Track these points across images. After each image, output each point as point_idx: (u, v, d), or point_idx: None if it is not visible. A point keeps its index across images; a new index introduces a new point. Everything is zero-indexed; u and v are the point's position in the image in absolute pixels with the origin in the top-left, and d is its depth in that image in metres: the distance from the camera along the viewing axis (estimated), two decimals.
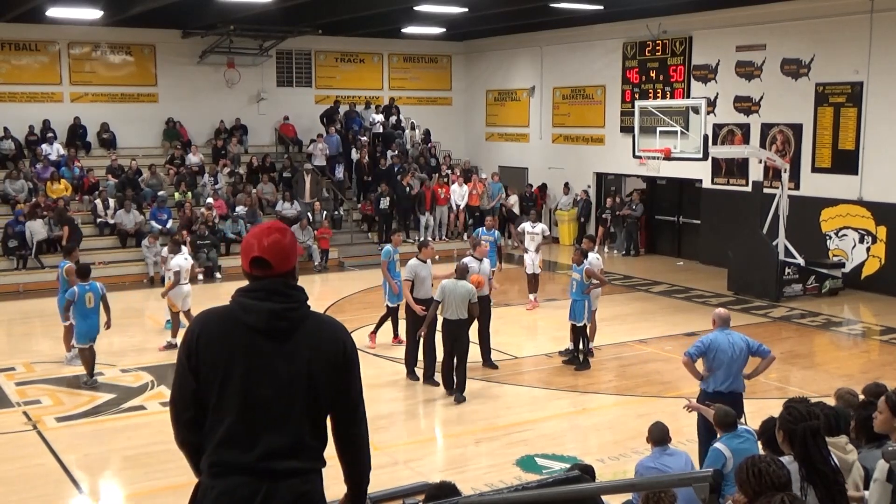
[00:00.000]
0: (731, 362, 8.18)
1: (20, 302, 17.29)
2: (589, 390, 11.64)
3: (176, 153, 22.93)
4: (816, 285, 17.17)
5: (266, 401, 3.01)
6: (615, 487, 5.01)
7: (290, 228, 3.14)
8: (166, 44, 23.48)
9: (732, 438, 6.63)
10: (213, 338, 3.05)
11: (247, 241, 3.13)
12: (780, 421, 4.44)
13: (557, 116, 24.94)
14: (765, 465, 3.74)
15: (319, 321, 3.17)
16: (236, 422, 3.00)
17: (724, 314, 8.53)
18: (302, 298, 3.11)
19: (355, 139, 24.41)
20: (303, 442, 3.07)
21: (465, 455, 9.45)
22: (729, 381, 8.19)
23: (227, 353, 3.02)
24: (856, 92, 17.60)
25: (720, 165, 20.33)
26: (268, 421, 3.01)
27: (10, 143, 21.62)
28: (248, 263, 3.09)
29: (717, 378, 8.18)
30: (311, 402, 3.09)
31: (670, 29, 21.11)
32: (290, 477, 3.02)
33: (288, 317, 3.05)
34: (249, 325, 3.02)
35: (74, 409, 10.90)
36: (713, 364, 8.18)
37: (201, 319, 3.12)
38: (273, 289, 3.06)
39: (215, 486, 3.01)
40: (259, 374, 3.01)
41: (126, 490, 8.74)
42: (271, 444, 3.00)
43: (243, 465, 2.98)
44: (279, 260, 3.08)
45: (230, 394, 3.00)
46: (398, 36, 25.24)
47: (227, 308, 3.10)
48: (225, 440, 3.00)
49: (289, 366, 3.04)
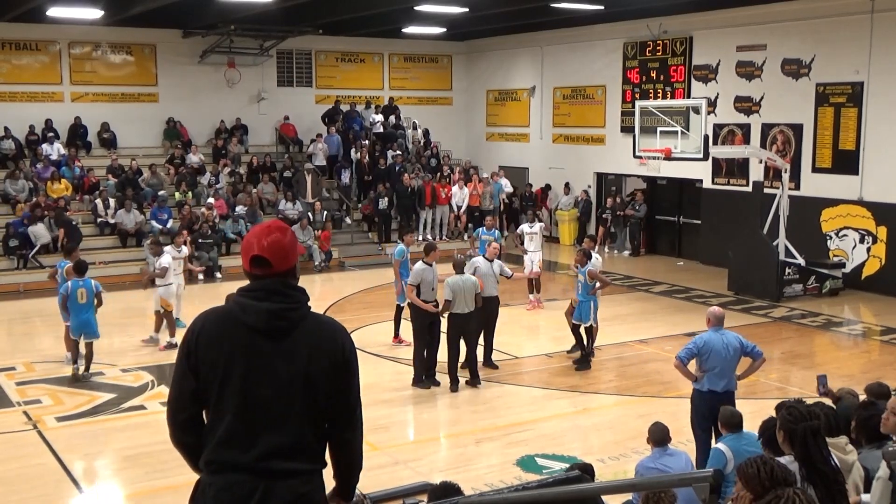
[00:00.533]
0: (725, 362, 8.16)
1: (20, 302, 17.29)
2: (589, 390, 11.64)
3: (176, 153, 22.94)
4: (817, 285, 17.16)
5: (265, 401, 3.02)
6: (615, 487, 5.01)
7: (291, 228, 3.12)
8: (167, 43, 23.49)
9: (736, 440, 6.61)
10: (212, 337, 3.05)
11: (247, 240, 3.13)
12: (780, 421, 4.44)
13: (558, 116, 24.94)
14: (776, 464, 3.74)
15: (319, 322, 3.17)
16: (236, 421, 3.00)
17: (719, 313, 8.50)
18: (302, 299, 3.11)
19: (356, 139, 24.41)
20: (303, 443, 3.07)
21: (466, 455, 9.45)
22: (724, 381, 8.18)
23: (226, 353, 3.02)
24: (856, 92, 17.60)
25: (720, 165, 20.33)
26: (267, 421, 3.01)
27: (10, 142, 21.63)
28: (249, 262, 3.10)
29: (712, 378, 8.15)
30: (311, 402, 3.09)
31: (671, 29, 21.11)
32: (289, 477, 3.02)
33: (287, 317, 3.05)
34: (249, 325, 3.02)
35: (75, 409, 10.90)
36: (707, 364, 8.15)
37: (201, 319, 3.12)
38: (273, 289, 3.06)
39: (214, 482, 3.02)
40: (258, 374, 3.01)
41: (126, 490, 8.74)
42: (270, 443, 3.00)
43: (242, 464, 2.98)
44: (279, 259, 3.08)
45: (230, 393, 3.01)
46: (399, 36, 25.24)
47: (227, 308, 3.12)
48: (224, 439, 3.00)
49: (288, 366, 3.04)
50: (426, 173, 23.62)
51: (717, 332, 8.30)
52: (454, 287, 11.11)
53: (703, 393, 8.17)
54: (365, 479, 7.22)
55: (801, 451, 4.23)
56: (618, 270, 20.14)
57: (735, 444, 6.53)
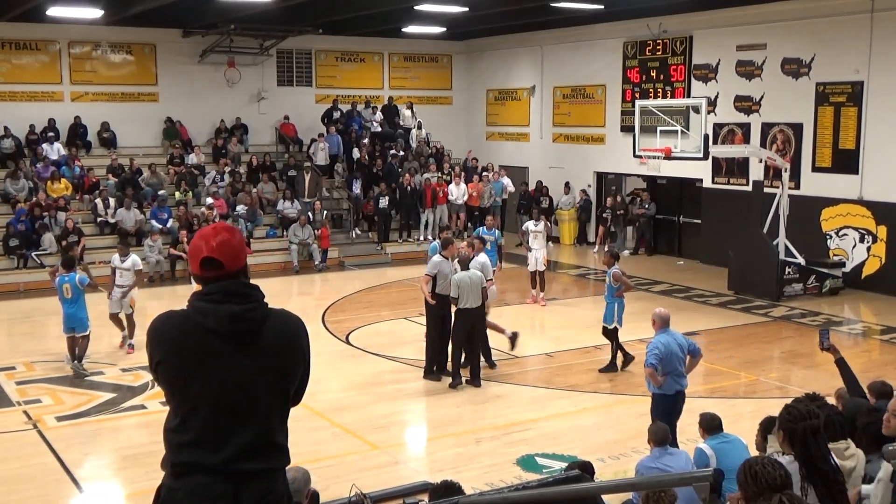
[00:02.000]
0: (680, 362, 8.18)
1: (21, 301, 17.29)
2: (589, 390, 11.64)
3: (176, 152, 22.95)
4: (817, 285, 17.16)
5: (234, 403, 2.98)
6: (615, 487, 5.01)
7: (238, 229, 3.07)
8: (167, 43, 23.48)
9: (715, 438, 6.79)
10: (172, 342, 3.00)
11: (194, 243, 3.08)
12: (779, 421, 4.42)
13: (558, 116, 24.94)
14: (760, 467, 3.73)
15: (279, 318, 3.12)
16: (204, 425, 2.96)
17: (665, 314, 8.44)
18: (260, 297, 3.07)
19: (357, 138, 24.41)
20: (272, 442, 3.06)
21: (466, 454, 9.44)
22: (683, 379, 8.23)
23: (187, 358, 2.97)
24: (856, 91, 17.59)
25: (721, 165, 20.33)
26: (236, 423, 2.98)
27: (10, 141, 21.64)
28: (199, 265, 3.05)
29: (677, 379, 8.15)
30: (279, 399, 3.08)
31: (671, 28, 21.10)
32: (257, 477, 3.00)
33: (248, 318, 3.01)
34: (209, 329, 2.97)
35: (75, 409, 10.91)
36: (668, 367, 8.12)
37: (159, 323, 3.06)
38: (231, 290, 3.01)
39: (181, 486, 2.97)
40: (225, 377, 2.97)
41: (126, 489, 8.74)
42: (239, 444, 2.97)
43: (211, 466, 2.95)
44: (230, 259, 3.04)
45: (194, 397, 2.96)
46: (399, 35, 25.24)
47: (185, 312, 3.04)
48: (191, 442, 2.96)
49: (257, 365, 3.00)
50: (432, 173, 23.45)
51: (667, 333, 8.26)
52: (460, 283, 11.20)
53: (670, 396, 8.17)
54: (365, 479, 7.24)
55: (802, 451, 4.22)
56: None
57: (713, 443, 6.71)
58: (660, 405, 8.22)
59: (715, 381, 12.04)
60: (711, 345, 14.02)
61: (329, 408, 10.59)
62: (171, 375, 3.00)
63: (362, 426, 10.18)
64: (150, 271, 18.94)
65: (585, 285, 19.25)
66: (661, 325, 8.34)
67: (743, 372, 12.45)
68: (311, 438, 9.34)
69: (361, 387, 11.69)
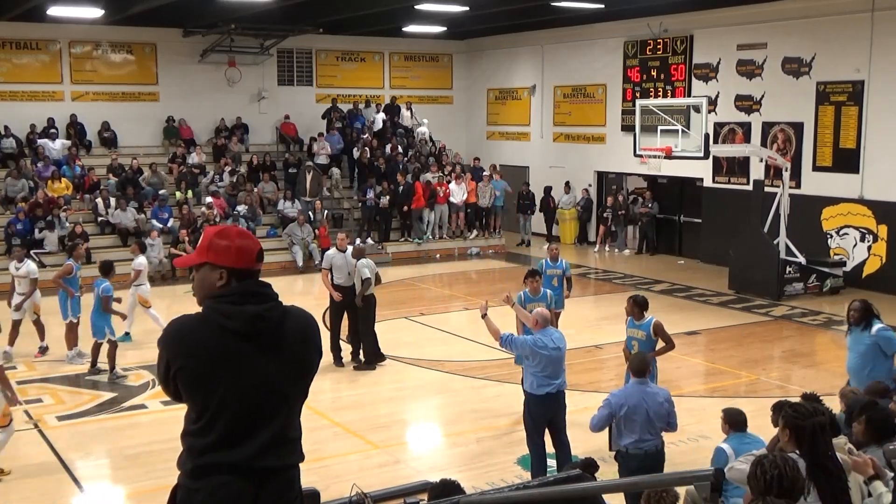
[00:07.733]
0: (557, 362, 8.06)
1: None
2: (589, 389, 11.63)
3: (178, 151, 22.95)
4: (817, 284, 17.15)
5: (256, 402, 2.99)
6: (615, 487, 5.02)
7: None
8: (167, 42, 23.49)
9: (739, 438, 6.62)
10: (192, 347, 2.98)
11: (236, 243, 3.06)
12: (784, 419, 4.39)
13: (558, 115, 24.94)
14: (769, 465, 3.72)
15: (295, 315, 3.14)
16: (226, 426, 2.96)
17: (546, 313, 8.27)
18: (276, 296, 3.10)
19: (358, 137, 24.41)
20: (289, 437, 3.09)
21: (466, 454, 9.45)
22: (558, 380, 8.10)
23: (209, 361, 2.96)
24: (857, 90, 17.59)
25: (721, 164, 20.32)
26: (258, 421, 3.00)
27: (10, 141, 21.64)
28: (255, 258, 3.08)
29: (548, 379, 8.03)
30: (300, 395, 3.13)
31: (671, 27, 21.10)
32: (276, 475, 3.03)
33: (268, 317, 3.02)
34: (232, 331, 2.96)
35: (76, 408, 10.92)
36: (545, 365, 7.99)
37: (176, 329, 3.03)
38: (248, 290, 3.03)
39: (201, 487, 2.98)
40: (247, 378, 2.97)
41: (127, 489, 8.73)
42: (259, 442, 2.99)
43: (231, 465, 2.96)
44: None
45: (218, 400, 2.96)
46: (399, 35, 25.24)
47: (202, 315, 3.03)
48: (214, 444, 2.97)
49: (276, 364, 3.02)
50: (433, 174, 23.35)
51: (546, 333, 8.08)
52: (370, 269, 12.09)
53: (552, 395, 8.08)
54: (365, 479, 7.22)
55: (810, 448, 4.20)
56: (618, 269, 20.17)
57: (735, 443, 6.53)
58: (531, 403, 8.14)
59: (715, 381, 12.04)
60: (712, 344, 14.04)
61: (330, 407, 10.60)
62: (193, 380, 2.98)
63: (363, 425, 10.18)
64: (152, 271, 18.92)
65: (586, 285, 19.24)
66: (543, 325, 8.06)
67: (743, 371, 12.45)
68: (311, 438, 9.22)
69: (362, 386, 11.71)
